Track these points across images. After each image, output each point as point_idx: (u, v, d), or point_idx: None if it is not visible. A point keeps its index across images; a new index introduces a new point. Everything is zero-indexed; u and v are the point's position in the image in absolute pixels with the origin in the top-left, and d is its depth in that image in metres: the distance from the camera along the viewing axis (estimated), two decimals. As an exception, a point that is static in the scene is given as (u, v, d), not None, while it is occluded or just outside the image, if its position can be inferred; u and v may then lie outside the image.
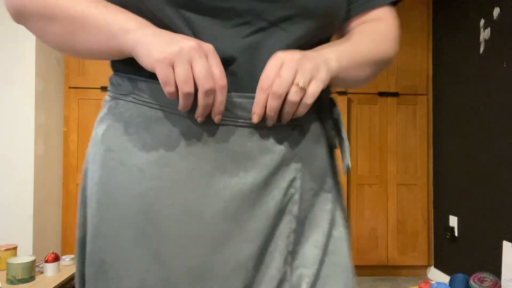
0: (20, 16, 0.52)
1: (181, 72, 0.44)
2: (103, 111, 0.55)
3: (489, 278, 1.95)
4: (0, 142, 2.38)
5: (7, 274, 1.91)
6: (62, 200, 2.78)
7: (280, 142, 0.53)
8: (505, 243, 2.13)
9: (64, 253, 2.76)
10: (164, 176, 0.50)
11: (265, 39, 0.50)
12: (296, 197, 0.54)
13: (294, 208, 0.54)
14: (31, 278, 1.95)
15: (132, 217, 0.50)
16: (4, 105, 2.38)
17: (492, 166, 2.30)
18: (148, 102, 0.51)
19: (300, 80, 0.47)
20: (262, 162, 0.52)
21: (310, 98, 0.48)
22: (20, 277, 1.90)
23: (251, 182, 0.51)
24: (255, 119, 0.49)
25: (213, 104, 0.47)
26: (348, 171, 0.56)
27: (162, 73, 0.44)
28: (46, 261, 2.07)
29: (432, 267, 2.99)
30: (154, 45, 0.45)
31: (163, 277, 0.49)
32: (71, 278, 2.11)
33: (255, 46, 0.50)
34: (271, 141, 0.52)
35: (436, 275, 2.91)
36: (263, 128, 0.51)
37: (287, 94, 0.47)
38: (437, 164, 2.95)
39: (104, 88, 2.79)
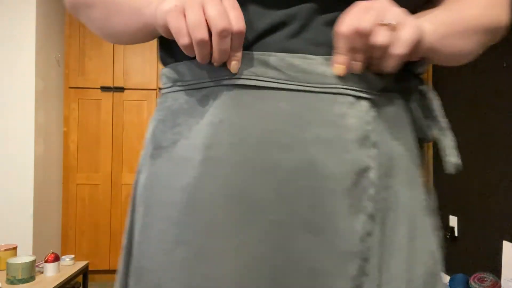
0: (73, 8, 0.53)
1: (192, 16, 0.39)
2: (156, 109, 0.51)
3: (489, 278, 1.95)
4: (0, 142, 2.38)
5: (7, 274, 1.91)
6: (62, 200, 2.78)
7: (348, 115, 0.42)
8: (505, 243, 2.13)
9: (64, 253, 2.76)
10: (209, 161, 0.42)
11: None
12: (371, 191, 0.42)
13: (370, 204, 0.42)
14: (31, 278, 1.95)
15: (176, 215, 0.44)
16: (4, 105, 2.38)
17: (492, 166, 2.30)
18: (192, 84, 0.45)
19: (391, 21, 0.38)
20: (324, 137, 0.41)
21: (402, 46, 0.38)
22: (20, 277, 1.90)
23: (309, 159, 0.41)
24: (339, 69, 0.40)
25: (230, 49, 0.41)
26: (456, 170, 0.46)
27: (173, 24, 0.39)
28: (46, 261, 2.07)
29: (432, 267, 2.99)
30: (167, 1, 0.41)
31: (210, 277, 0.42)
32: (71, 278, 2.11)
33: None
34: (336, 112, 0.41)
35: (436, 275, 2.91)
36: (326, 93, 0.41)
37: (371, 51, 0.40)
38: (437, 164, 2.95)
39: (104, 88, 2.80)
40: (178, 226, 0.43)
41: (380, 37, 0.38)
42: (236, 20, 0.39)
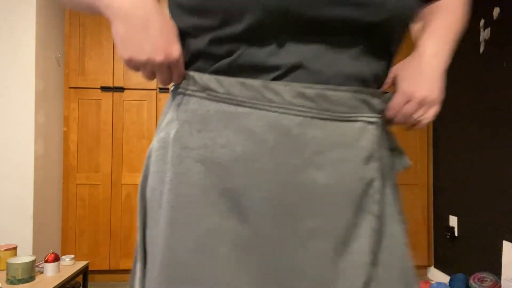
0: None
1: (145, 74, 0.50)
2: (170, 112, 0.54)
3: (489, 278, 1.95)
4: (0, 142, 2.38)
5: (7, 274, 1.90)
6: (62, 200, 2.78)
7: (361, 138, 0.51)
8: (505, 243, 2.13)
9: (64, 253, 2.76)
10: (252, 172, 0.48)
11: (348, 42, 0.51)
12: (377, 195, 0.52)
13: (375, 207, 0.52)
14: (31, 278, 1.94)
15: (211, 224, 0.49)
16: (4, 105, 2.38)
17: (492, 166, 2.30)
18: (225, 98, 0.49)
19: (426, 115, 0.58)
20: (345, 158, 0.50)
21: (428, 120, 0.57)
22: (20, 277, 1.90)
23: (335, 178, 0.49)
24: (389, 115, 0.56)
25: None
26: (406, 166, 0.61)
27: (129, 67, 0.50)
28: (46, 261, 2.07)
29: (432, 267, 2.99)
30: (123, 37, 0.48)
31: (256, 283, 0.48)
32: (71, 278, 2.11)
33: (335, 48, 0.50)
34: (353, 137, 0.51)
35: (436, 275, 2.91)
36: (345, 121, 0.50)
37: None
38: (437, 164, 2.95)
39: (104, 88, 2.80)
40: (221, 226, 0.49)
41: (418, 116, 0.56)
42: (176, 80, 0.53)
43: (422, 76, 0.59)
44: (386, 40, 0.53)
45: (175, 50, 0.49)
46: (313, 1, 0.46)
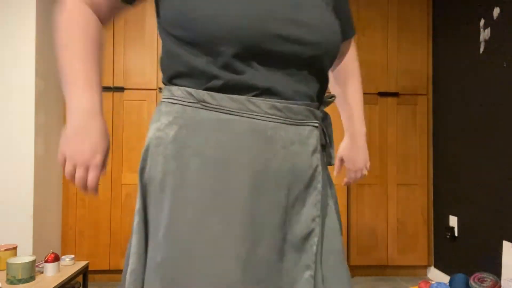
0: (55, 23, 0.74)
1: (66, 170, 0.71)
2: (169, 117, 0.68)
3: (489, 278, 1.95)
4: (0, 142, 2.38)
5: (7, 274, 1.90)
6: (62, 200, 2.78)
7: (310, 137, 0.72)
8: (505, 243, 2.13)
9: (64, 253, 2.76)
10: (237, 163, 0.66)
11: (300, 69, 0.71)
12: (320, 177, 0.73)
13: (319, 185, 0.73)
14: (31, 278, 1.95)
15: (208, 198, 0.65)
16: (4, 105, 2.38)
17: (492, 166, 2.30)
18: (217, 108, 0.66)
19: (366, 172, 1.03)
20: (300, 151, 0.71)
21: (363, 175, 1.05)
22: (20, 277, 1.90)
23: (294, 164, 0.70)
24: (343, 181, 0.99)
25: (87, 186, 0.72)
26: (331, 165, 0.83)
27: (59, 158, 0.71)
28: (46, 261, 2.07)
29: (432, 267, 2.99)
30: (67, 131, 0.70)
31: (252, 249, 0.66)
32: (71, 278, 2.11)
33: (295, 74, 0.71)
34: (306, 136, 0.72)
35: (436, 275, 2.91)
36: (301, 125, 0.71)
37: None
38: (437, 164, 2.95)
39: (104, 88, 2.80)
40: (214, 207, 0.66)
41: (363, 175, 1.04)
42: (91, 187, 0.72)
43: (359, 153, 0.99)
44: (321, 69, 0.73)
45: (97, 159, 0.71)
46: (273, 39, 0.65)
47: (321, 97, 0.79)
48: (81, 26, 0.70)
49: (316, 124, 0.73)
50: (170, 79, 0.71)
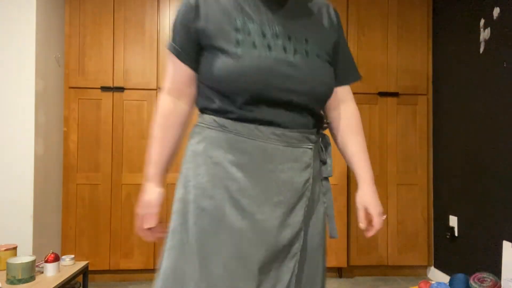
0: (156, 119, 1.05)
1: (137, 226, 1.05)
2: (200, 136, 0.97)
3: (489, 278, 1.95)
4: (0, 142, 2.38)
5: (7, 274, 1.91)
6: (62, 200, 2.78)
7: (303, 156, 0.97)
8: (505, 243, 2.13)
9: (64, 253, 2.76)
10: (247, 171, 0.92)
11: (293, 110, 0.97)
12: (310, 187, 0.97)
13: (308, 193, 0.97)
14: (31, 278, 1.95)
15: (221, 199, 0.91)
16: (4, 105, 2.38)
17: (492, 166, 2.30)
18: (233, 132, 0.93)
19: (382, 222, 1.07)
20: (294, 167, 0.95)
21: (380, 226, 1.07)
22: (20, 277, 1.90)
23: (289, 177, 0.94)
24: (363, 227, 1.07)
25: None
26: (330, 175, 1.06)
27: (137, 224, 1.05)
28: (46, 261, 2.07)
29: (432, 267, 2.99)
30: (139, 207, 1.04)
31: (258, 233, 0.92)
32: (71, 278, 2.11)
33: (293, 111, 0.96)
34: (299, 155, 0.96)
35: (436, 275, 2.91)
36: (295, 147, 0.95)
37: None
38: (437, 164, 2.95)
39: (104, 88, 2.80)
40: (226, 206, 0.92)
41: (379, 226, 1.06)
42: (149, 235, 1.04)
43: (374, 199, 1.07)
44: (312, 108, 0.98)
45: (151, 223, 1.02)
46: (273, 91, 0.90)
47: (318, 124, 1.03)
48: (166, 125, 1.03)
49: (310, 146, 0.98)
50: (202, 110, 1.01)
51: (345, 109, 1.12)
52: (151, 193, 1.02)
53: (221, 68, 0.91)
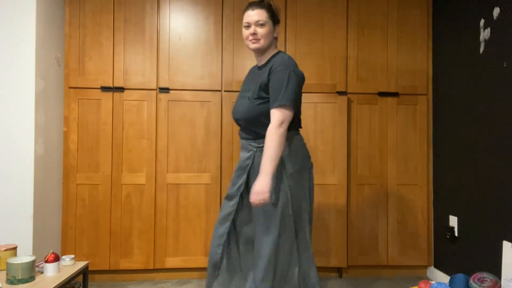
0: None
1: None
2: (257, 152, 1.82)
3: (489, 278, 1.95)
4: (0, 142, 2.38)
5: (7, 274, 1.91)
6: (62, 200, 2.78)
7: (248, 155, 1.82)
8: (505, 243, 2.13)
9: (64, 253, 2.76)
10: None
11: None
12: (247, 172, 1.81)
13: (244, 176, 1.82)
14: (31, 278, 1.95)
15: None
16: (4, 105, 2.38)
17: (492, 166, 2.30)
18: (244, 142, 1.90)
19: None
20: (245, 161, 1.83)
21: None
22: (20, 277, 1.90)
23: (247, 164, 1.82)
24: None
25: None
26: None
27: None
28: (46, 261, 2.07)
29: (432, 267, 2.99)
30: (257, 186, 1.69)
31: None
32: (71, 278, 2.11)
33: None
34: (246, 156, 1.83)
35: (436, 275, 2.91)
36: (245, 151, 1.85)
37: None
38: (437, 164, 2.95)
39: (104, 88, 2.80)
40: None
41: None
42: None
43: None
44: (247, 126, 1.82)
45: (266, 197, 1.64)
46: (233, 116, 1.89)
47: (257, 137, 1.78)
48: (280, 145, 1.67)
49: (252, 151, 1.80)
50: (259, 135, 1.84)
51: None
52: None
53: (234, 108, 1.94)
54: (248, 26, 1.75)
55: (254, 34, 1.73)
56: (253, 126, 1.75)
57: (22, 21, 2.41)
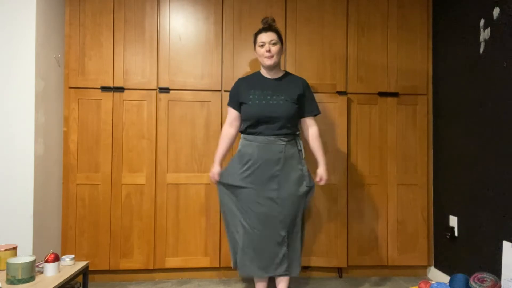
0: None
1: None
2: (241, 142, 2.34)
3: (489, 278, 1.95)
4: (0, 142, 2.38)
5: (7, 274, 1.90)
6: (62, 200, 2.78)
7: (279, 148, 2.25)
8: (505, 243, 2.13)
9: (64, 253, 2.76)
10: (255, 155, 2.25)
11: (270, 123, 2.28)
12: (282, 164, 2.24)
13: (278, 167, 2.22)
14: (31, 278, 1.94)
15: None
16: (4, 105, 2.38)
17: (492, 166, 2.30)
18: (248, 139, 2.29)
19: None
20: (273, 153, 2.25)
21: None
22: (20, 277, 1.90)
23: (278, 158, 2.26)
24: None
25: None
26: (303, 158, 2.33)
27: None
28: (46, 261, 2.07)
29: (432, 267, 2.99)
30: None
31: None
32: (71, 278, 2.11)
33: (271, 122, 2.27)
34: (277, 149, 2.25)
35: (436, 275, 2.91)
36: (273, 144, 2.26)
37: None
38: (437, 164, 2.95)
39: (104, 88, 2.80)
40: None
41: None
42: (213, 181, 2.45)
43: (326, 170, 2.36)
44: (282, 124, 2.24)
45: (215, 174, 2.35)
46: (262, 115, 2.23)
47: (290, 132, 2.26)
48: (223, 139, 2.38)
49: (283, 143, 2.23)
50: (242, 131, 2.32)
51: (311, 130, 2.38)
52: (215, 168, 2.34)
53: (243, 110, 2.28)
54: (263, 45, 2.24)
55: (269, 51, 2.22)
56: (289, 124, 2.24)
57: (22, 21, 2.41)
